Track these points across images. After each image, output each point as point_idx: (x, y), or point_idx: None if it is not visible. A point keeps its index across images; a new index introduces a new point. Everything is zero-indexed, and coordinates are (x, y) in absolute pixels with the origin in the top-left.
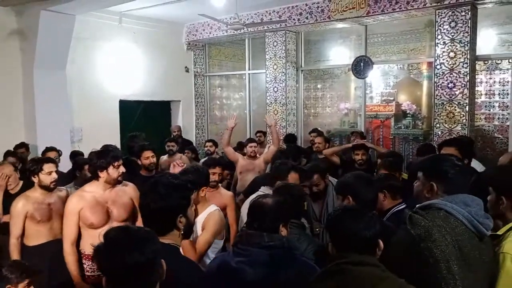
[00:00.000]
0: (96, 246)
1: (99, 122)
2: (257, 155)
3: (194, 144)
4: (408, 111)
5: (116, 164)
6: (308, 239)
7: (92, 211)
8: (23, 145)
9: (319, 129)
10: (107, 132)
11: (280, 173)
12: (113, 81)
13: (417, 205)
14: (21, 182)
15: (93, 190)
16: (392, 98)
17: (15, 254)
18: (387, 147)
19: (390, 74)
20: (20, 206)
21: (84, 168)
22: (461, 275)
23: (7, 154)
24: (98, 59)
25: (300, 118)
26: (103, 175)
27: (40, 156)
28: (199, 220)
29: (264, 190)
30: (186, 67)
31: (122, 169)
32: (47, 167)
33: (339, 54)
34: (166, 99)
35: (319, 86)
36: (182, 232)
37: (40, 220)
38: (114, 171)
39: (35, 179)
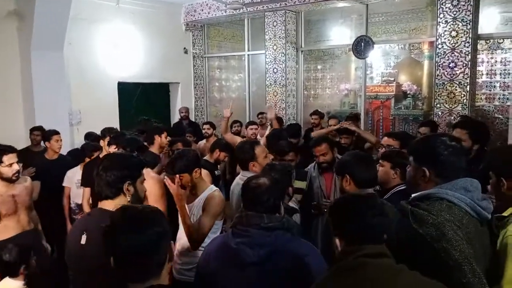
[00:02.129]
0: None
1: (98, 104)
2: (258, 136)
3: None
4: (408, 92)
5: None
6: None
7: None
8: (39, 128)
9: (319, 110)
10: (106, 115)
11: (245, 153)
12: (111, 63)
13: (413, 195)
14: None
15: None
16: (392, 79)
17: None
18: (387, 128)
19: (391, 54)
20: None
21: (93, 154)
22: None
23: None
24: (96, 41)
25: (300, 100)
26: None
27: (42, 139)
28: (198, 202)
29: (245, 174)
30: (184, 48)
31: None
32: (7, 158)
33: (340, 34)
34: (164, 81)
35: (319, 67)
36: (128, 200)
37: (6, 213)
38: None
39: None
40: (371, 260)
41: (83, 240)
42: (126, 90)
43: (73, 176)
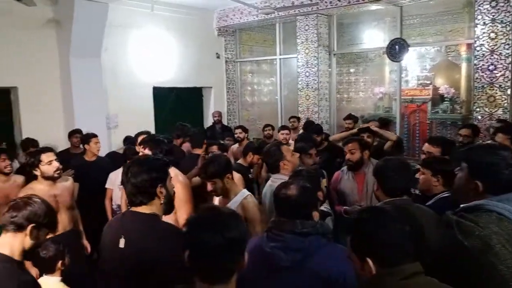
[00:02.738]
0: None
1: (134, 109)
2: (290, 140)
3: None
4: (446, 95)
5: None
6: None
7: None
8: (78, 131)
9: (353, 114)
10: (142, 119)
11: (273, 155)
12: (146, 68)
13: (461, 205)
14: None
15: None
16: (429, 82)
17: None
18: (423, 132)
19: (426, 56)
20: None
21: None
22: None
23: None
24: (131, 47)
25: (333, 103)
26: None
27: (81, 142)
28: (231, 206)
29: (276, 177)
30: (217, 53)
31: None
32: (45, 157)
33: (373, 37)
34: (198, 86)
35: (352, 70)
36: (162, 202)
37: None
38: None
39: (37, 172)
40: (409, 282)
41: (122, 243)
42: (161, 95)
43: (116, 178)
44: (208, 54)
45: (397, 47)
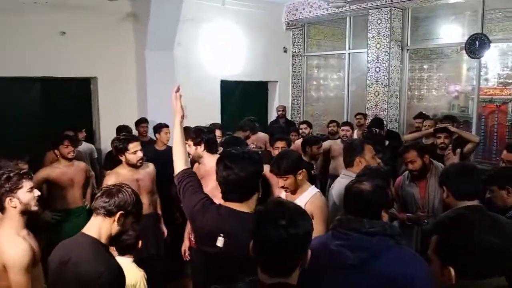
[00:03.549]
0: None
1: (202, 101)
2: (355, 136)
3: None
4: None
5: None
6: None
7: None
8: (145, 120)
9: (424, 113)
10: (210, 111)
11: (354, 149)
12: (215, 62)
13: None
14: None
15: None
16: (510, 81)
17: None
18: (502, 135)
19: (509, 54)
20: (111, 183)
21: None
22: None
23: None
24: (202, 41)
25: (403, 101)
26: None
27: (153, 131)
28: (299, 202)
29: (346, 172)
30: (284, 47)
31: None
32: (132, 146)
33: (451, 32)
34: (264, 80)
35: (425, 66)
36: (260, 195)
37: None
38: None
39: (122, 158)
40: None
41: (220, 243)
42: (228, 88)
43: None
44: (275, 48)
45: (477, 42)
